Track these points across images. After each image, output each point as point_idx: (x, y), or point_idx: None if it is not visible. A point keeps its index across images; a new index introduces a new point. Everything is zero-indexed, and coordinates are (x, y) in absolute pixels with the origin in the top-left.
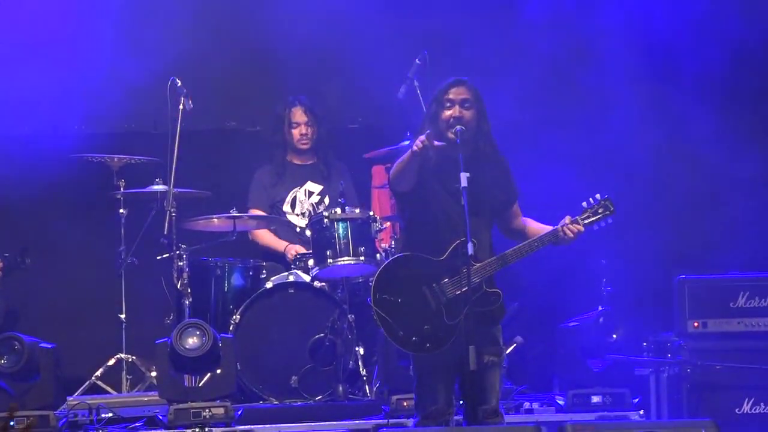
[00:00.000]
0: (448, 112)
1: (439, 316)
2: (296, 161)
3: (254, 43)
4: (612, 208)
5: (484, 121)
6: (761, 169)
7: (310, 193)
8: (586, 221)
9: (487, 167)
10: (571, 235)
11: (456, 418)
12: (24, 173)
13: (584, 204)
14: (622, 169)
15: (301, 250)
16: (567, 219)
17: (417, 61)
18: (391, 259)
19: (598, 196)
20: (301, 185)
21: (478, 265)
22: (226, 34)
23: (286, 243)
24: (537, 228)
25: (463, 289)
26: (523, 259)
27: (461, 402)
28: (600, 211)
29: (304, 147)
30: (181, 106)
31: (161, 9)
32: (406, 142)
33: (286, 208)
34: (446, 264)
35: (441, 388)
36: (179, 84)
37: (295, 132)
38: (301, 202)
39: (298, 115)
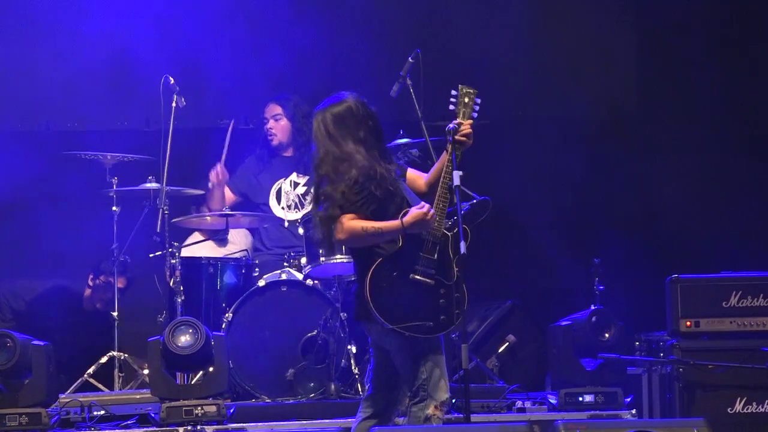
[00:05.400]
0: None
1: (442, 285)
2: (281, 153)
3: (246, 40)
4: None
5: None
6: (754, 169)
7: (296, 184)
8: (465, 119)
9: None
10: (466, 138)
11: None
12: (17, 171)
13: (451, 107)
14: (616, 169)
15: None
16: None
17: (410, 59)
18: (367, 280)
19: (453, 91)
20: (286, 176)
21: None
22: (218, 32)
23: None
24: (438, 165)
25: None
26: (511, 250)
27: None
28: (466, 101)
29: (272, 141)
30: (174, 104)
31: (154, 6)
32: (405, 140)
33: (272, 201)
34: (409, 245)
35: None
36: (172, 81)
37: (266, 127)
38: (286, 193)
39: (268, 110)
